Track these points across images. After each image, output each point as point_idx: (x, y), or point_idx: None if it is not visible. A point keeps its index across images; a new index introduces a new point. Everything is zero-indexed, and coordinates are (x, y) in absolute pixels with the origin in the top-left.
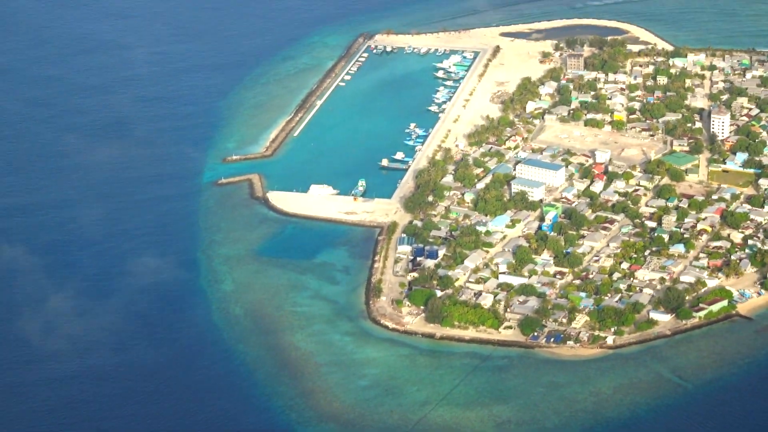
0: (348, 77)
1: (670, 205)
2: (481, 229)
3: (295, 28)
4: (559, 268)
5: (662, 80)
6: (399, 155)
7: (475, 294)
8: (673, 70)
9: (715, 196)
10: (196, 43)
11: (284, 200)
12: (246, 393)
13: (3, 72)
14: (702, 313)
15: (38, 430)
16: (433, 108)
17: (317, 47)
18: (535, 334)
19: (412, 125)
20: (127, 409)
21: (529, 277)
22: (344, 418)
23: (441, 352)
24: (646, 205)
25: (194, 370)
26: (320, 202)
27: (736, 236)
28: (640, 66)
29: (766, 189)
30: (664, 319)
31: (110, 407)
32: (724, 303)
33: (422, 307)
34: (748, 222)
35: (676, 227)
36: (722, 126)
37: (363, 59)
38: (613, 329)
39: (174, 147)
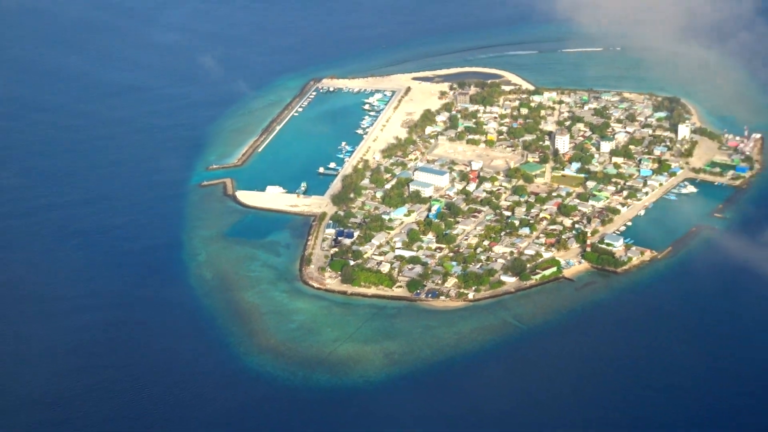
0: (300, 109)
1: (521, 200)
2: (386, 217)
3: (265, 76)
4: (438, 245)
5: (524, 111)
6: (332, 165)
7: (377, 263)
8: (532, 104)
9: (554, 194)
10: (194, 86)
11: (248, 197)
12: (208, 333)
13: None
14: (538, 276)
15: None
16: (359, 131)
17: (280, 89)
18: (418, 291)
19: (343, 143)
20: (119, 342)
21: (417, 251)
22: (278, 350)
23: (350, 305)
24: (505, 200)
25: (173, 317)
26: (273, 198)
27: (567, 222)
28: (509, 101)
29: (591, 188)
30: (510, 280)
31: (111, 342)
32: (554, 269)
33: (339, 272)
34: (577, 212)
35: (525, 216)
36: (563, 143)
37: (312, 96)
38: (474, 288)
39: (172, 160)
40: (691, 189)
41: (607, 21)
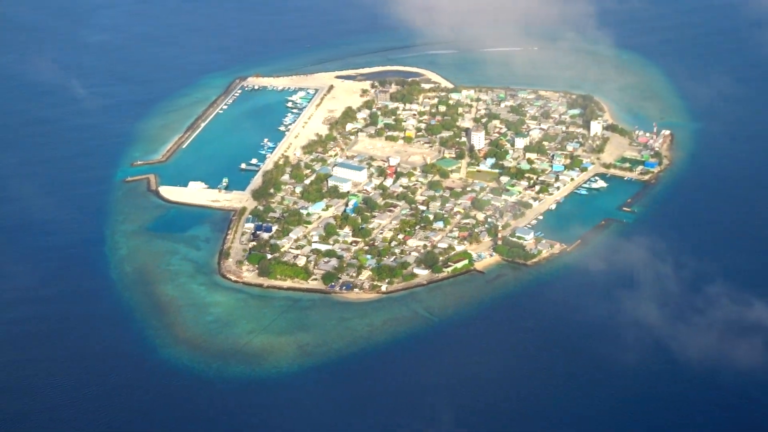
0: (225, 107)
1: (437, 194)
2: (304, 212)
3: (193, 75)
4: (355, 239)
5: (442, 108)
6: (254, 161)
7: (294, 256)
8: (450, 102)
9: (469, 189)
10: (124, 85)
11: (171, 192)
12: (127, 326)
13: None
14: (450, 269)
15: None
16: (282, 128)
17: (206, 87)
18: (333, 284)
19: (266, 140)
20: (41, 336)
21: (333, 244)
22: (193, 342)
23: (266, 297)
24: (421, 195)
25: (93, 309)
26: (195, 193)
27: (480, 216)
28: (429, 99)
29: (504, 183)
30: (423, 273)
31: (31, 337)
32: (466, 261)
33: (256, 266)
34: (490, 206)
35: (439, 210)
36: (479, 140)
37: (237, 94)
38: (387, 280)
39: (98, 157)
40: (601, 184)
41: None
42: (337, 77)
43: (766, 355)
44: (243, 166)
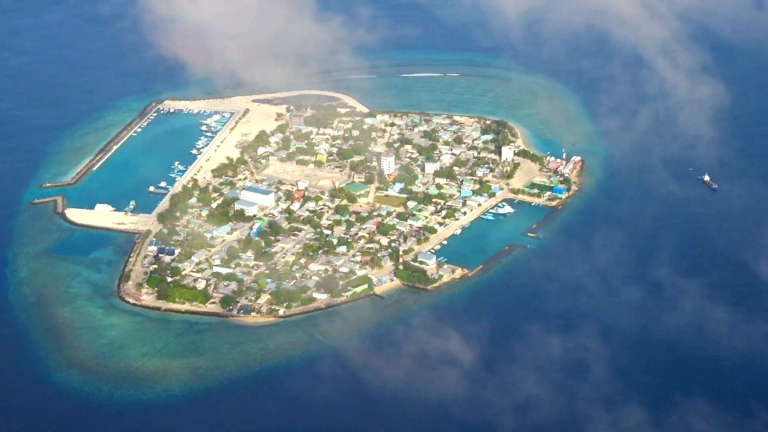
0: (140, 129)
1: (342, 219)
2: (208, 235)
3: (108, 98)
4: (257, 262)
5: (356, 132)
6: (163, 184)
7: (194, 279)
8: (365, 126)
9: (375, 213)
10: (39, 109)
11: (77, 215)
12: (19, 349)
13: None
14: (348, 293)
15: None
16: (194, 151)
17: (122, 110)
18: (231, 307)
19: (177, 163)
20: None
21: (234, 268)
22: (86, 365)
23: (163, 320)
24: (327, 219)
25: None
26: (101, 216)
27: (384, 240)
28: (344, 123)
29: (411, 208)
30: (322, 297)
31: None
32: (365, 286)
33: (156, 288)
34: (394, 231)
35: (344, 234)
36: (389, 165)
37: (152, 117)
38: (285, 304)
39: (7, 179)
40: (508, 209)
41: None
42: (254, 101)
43: None
44: (152, 189)
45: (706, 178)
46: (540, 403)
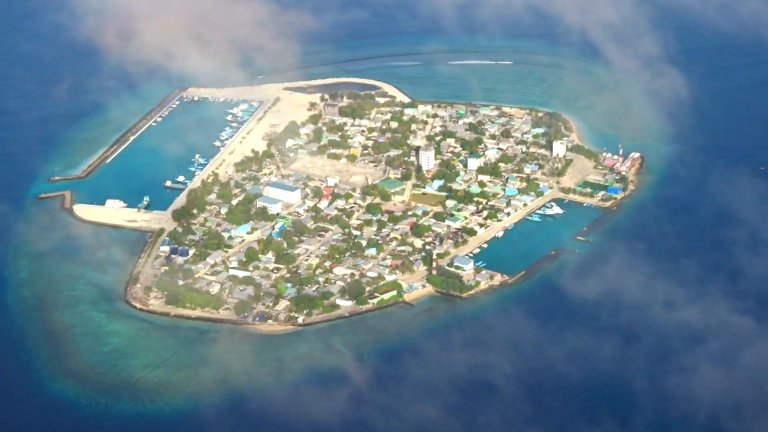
0: (160, 119)
1: (374, 218)
2: (226, 234)
3: (128, 85)
4: (277, 265)
5: (394, 124)
6: (181, 178)
7: (207, 283)
8: (404, 117)
9: (410, 213)
10: (52, 97)
11: (85, 211)
12: (15, 355)
13: None
14: (375, 300)
15: None
16: (217, 143)
17: (143, 97)
18: (245, 314)
19: (197, 156)
20: None
21: (252, 271)
22: (84, 375)
23: (172, 327)
24: (357, 219)
25: None
26: (112, 212)
27: (418, 243)
28: (382, 114)
29: (449, 208)
30: (346, 304)
31: None
32: (394, 293)
33: (165, 293)
34: (430, 232)
35: (374, 236)
36: (428, 160)
37: (174, 106)
38: (305, 312)
39: (14, 171)
40: (557, 210)
41: None
42: (286, 89)
43: None
44: (168, 183)
45: None
46: None
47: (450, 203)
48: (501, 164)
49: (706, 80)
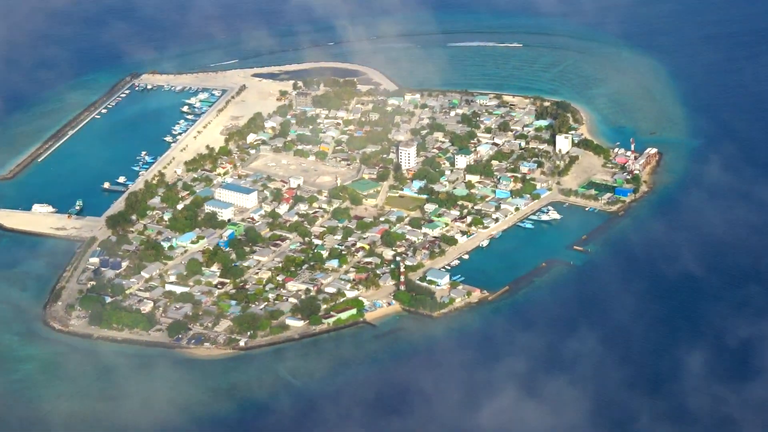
0: (105, 111)
1: (339, 225)
2: (166, 244)
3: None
4: (222, 279)
5: (375, 117)
6: (122, 179)
7: (138, 300)
8: (388, 108)
9: (383, 219)
10: None
11: (7, 217)
12: None
13: None
14: (331, 320)
15: None
16: (168, 138)
17: (88, 85)
18: (179, 336)
19: (143, 153)
20: None
21: (192, 286)
22: None
23: (93, 352)
24: (320, 225)
25: None
26: (38, 219)
27: (388, 254)
28: (363, 104)
29: (429, 213)
30: (297, 324)
31: None
32: (353, 311)
33: (90, 311)
34: (403, 241)
35: (338, 245)
36: (408, 157)
37: (124, 95)
38: (249, 333)
39: None
40: (554, 215)
41: None
42: (255, 75)
43: None
44: (107, 185)
45: None
46: None
47: (430, 207)
48: (494, 162)
49: (745, 66)
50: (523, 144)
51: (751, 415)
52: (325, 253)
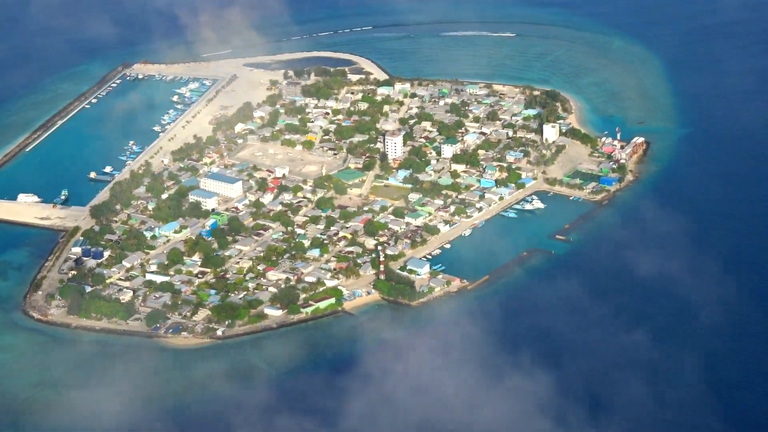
0: (95, 101)
1: (323, 214)
2: (149, 234)
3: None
4: (203, 269)
5: (364, 106)
6: (108, 169)
7: (118, 290)
8: (378, 97)
9: (367, 208)
10: None
11: None
12: None
13: None
14: (309, 309)
15: None
16: (157, 128)
17: (80, 75)
18: (158, 325)
19: (131, 143)
20: None
21: (173, 276)
22: None
23: (71, 341)
24: (303, 215)
25: None
26: (22, 208)
27: (370, 243)
28: (353, 93)
29: (412, 202)
30: (275, 313)
31: None
32: (332, 300)
33: (69, 301)
34: (385, 230)
35: (320, 234)
36: (395, 147)
37: (115, 85)
38: (227, 322)
39: None
40: (537, 204)
41: None
42: (246, 65)
43: None
44: (93, 175)
45: None
46: None
47: (414, 197)
48: (481, 151)
49: (735, 56)
50: (510, 133)
51: None
52: (306, 243)
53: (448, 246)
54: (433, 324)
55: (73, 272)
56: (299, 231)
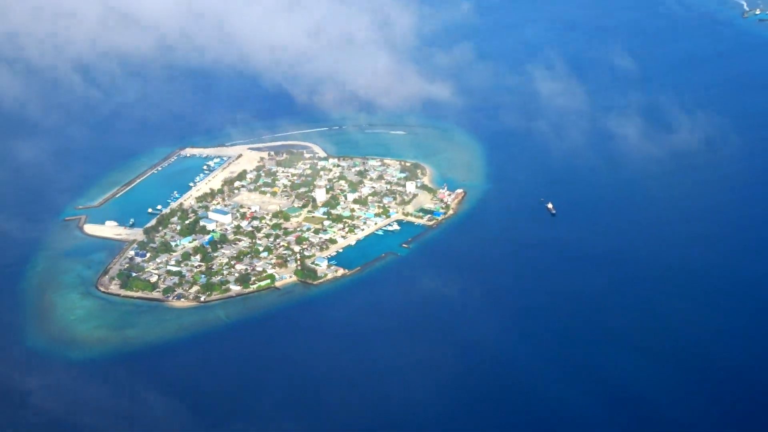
0: (160, 168)
1: (274, 233)
2: (173, 243)
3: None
4: (201, 263)
5: (309, 171)
6: (159, 207)
7: (150, 275)
8: (318, 167)
9: (299, 229)
10: (98, 153)
11: (90, 228)
12: (10, 321)
13: None
14: (255, 286)
15: None
16: (191, 184)
17: (153, 154)
18: (169, 295)
19: (174, 192)
20: None
21: (183, 267)
22: (50, 332)
23: (119, 303)
24: (264, 234)
25: None
26: (107, 229)
27: (297, 248)
28: (304, 164)
29: (326, 226)
30: (236, 288)
31: None
32: (268, 281)
33: (121, 281)
34: (307, 242)
35: (270, 244)
36: (321, 194)
37: (173, 160)
38: (207, 293)
39: (53, 200)
40: (396, 227)
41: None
42: (249, 148)
43: None
44: (150, 210)
45: (549, 205)
46: None
47: (327, 223)
48: (370, 197)
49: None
50: (388, 187)
51: None
52: (261, 249)
53: (341, 250)
54: (326, 293)
55: (127, 265)
56: (258, 242)
